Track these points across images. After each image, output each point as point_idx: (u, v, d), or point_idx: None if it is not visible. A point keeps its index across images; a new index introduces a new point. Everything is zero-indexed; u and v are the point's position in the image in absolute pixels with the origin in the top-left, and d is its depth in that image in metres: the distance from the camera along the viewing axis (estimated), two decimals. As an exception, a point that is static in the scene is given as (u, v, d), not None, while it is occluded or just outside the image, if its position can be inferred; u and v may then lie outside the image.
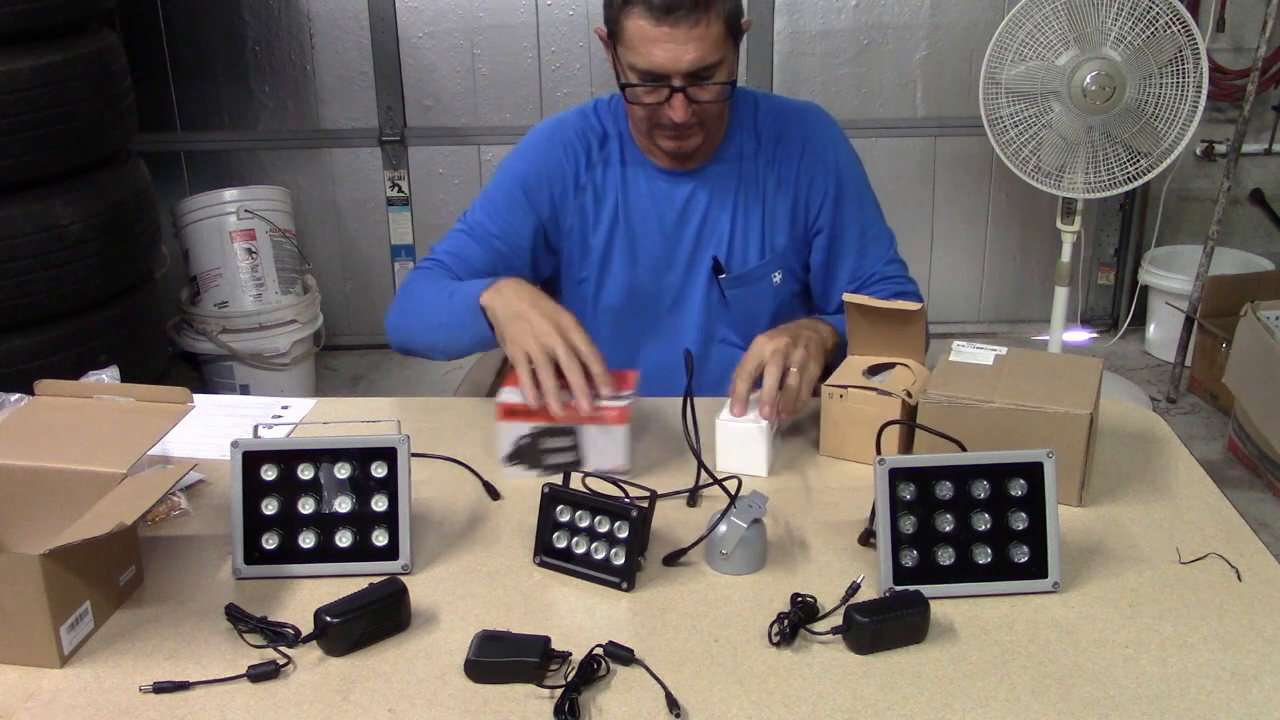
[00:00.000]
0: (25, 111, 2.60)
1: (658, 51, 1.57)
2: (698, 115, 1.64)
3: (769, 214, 1.79)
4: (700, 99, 1.62)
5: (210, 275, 3.47)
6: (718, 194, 1.78)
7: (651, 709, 1.06)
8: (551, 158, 1.79)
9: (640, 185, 1.79)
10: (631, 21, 1.57)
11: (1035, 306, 4.07)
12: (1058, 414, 1.35)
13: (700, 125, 1.67)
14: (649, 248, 1.80)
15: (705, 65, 1.59)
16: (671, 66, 1.58)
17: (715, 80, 1.61)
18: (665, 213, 1.79)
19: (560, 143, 1.79)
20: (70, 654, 1.14)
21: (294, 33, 3.77)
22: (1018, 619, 1.19)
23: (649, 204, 1.79)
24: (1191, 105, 2.98)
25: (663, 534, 1.33)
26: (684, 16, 1.54)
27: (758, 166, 1.78)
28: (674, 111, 1.61)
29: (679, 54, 1.56)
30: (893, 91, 3.84)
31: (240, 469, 1.27)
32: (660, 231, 1.79)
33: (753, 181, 1.79)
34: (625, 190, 1.79)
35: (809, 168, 1.79)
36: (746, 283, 1.81)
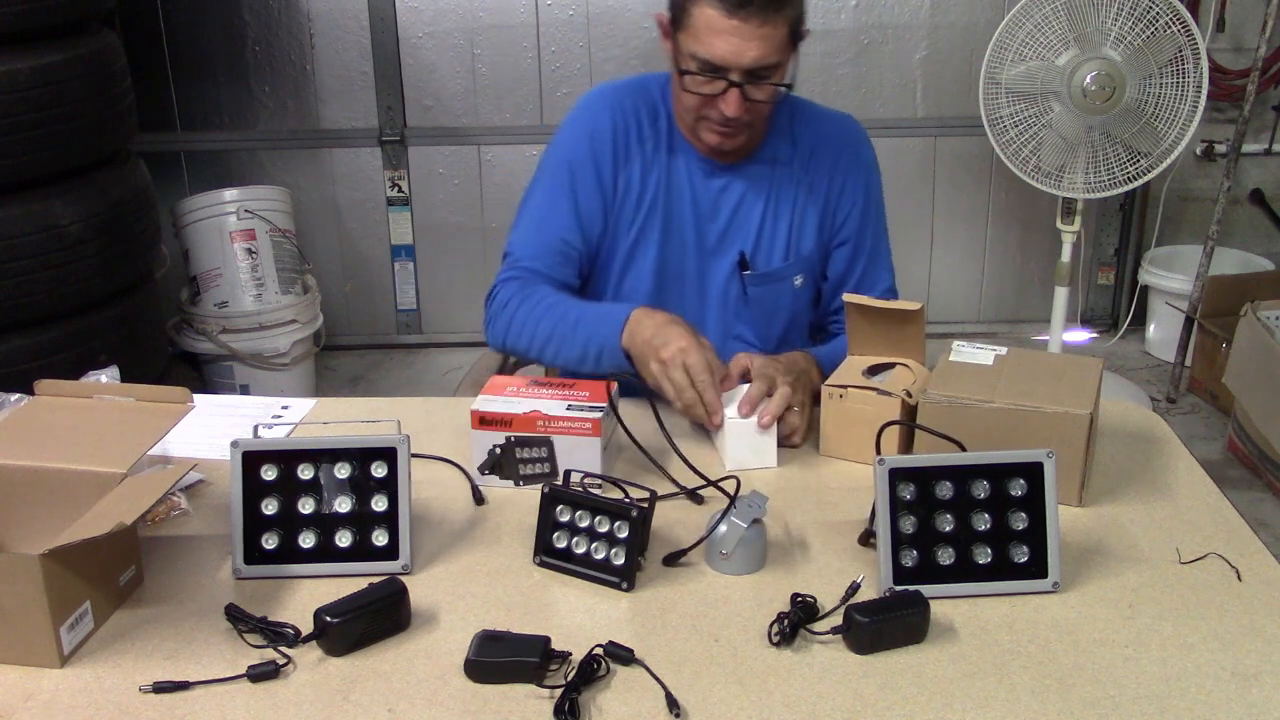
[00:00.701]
0: (25, 111, 2.60)
1: (722, 44, 1.57)
2: (749, 113, 1.64)
3: (798, 218, 1.80)
4: (754, 98, 1.63)
5: (210, 275, 3.46)
6: (750, 191, 1.79)
7: (651, 709, 1.06)
8: (600, 129, 1.76)
9: (680, 168, 1.79)
10: (701, 10, 1.57)
11: (1035, 306, 4.07)
12: (1058, 414, 1.35)
13: (749, 125, 1.68)
14: (680, 232, 1.80)
15: (765, 65, 1.59)
16: (733, 61, 1.58)
17: (771, 81, 1.62)
18: (700, 200, 1.79)
19: (610, 111, 1.77)
20: (70, 654, 1.14)
21: (294, 33, 3.77)
22: (1018, 619, 1.19)
23: (686, 188, 1.79)
24: (1191, 105, 2.98)
25: (663, 534, 1.33)
26: (755, 13, 1.55)
27: (792, 171, 1.79)
28: (727, 106, 1.62)
29: (743, 49, 1.57)
30: (893, 91, 3.84)
31: (240, 469, 1.27)
32: (694, 217, 1.80)
33: (785, 184, 1.79)
34: (668, 170, 1.78)
35: (841, 178, 1.80)
36: (769, 282, 1.82)
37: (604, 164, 1.77)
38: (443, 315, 4.10)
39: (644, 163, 1.78)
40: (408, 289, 4.06)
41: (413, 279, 4.04)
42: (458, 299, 4.06)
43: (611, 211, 1.79)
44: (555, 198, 1.78)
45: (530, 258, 1.76)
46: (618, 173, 1.77)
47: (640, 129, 1.78)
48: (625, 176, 1.78)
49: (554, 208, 1.78)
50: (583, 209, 1.77)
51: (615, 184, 1.78)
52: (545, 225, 1.78)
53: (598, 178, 1.77)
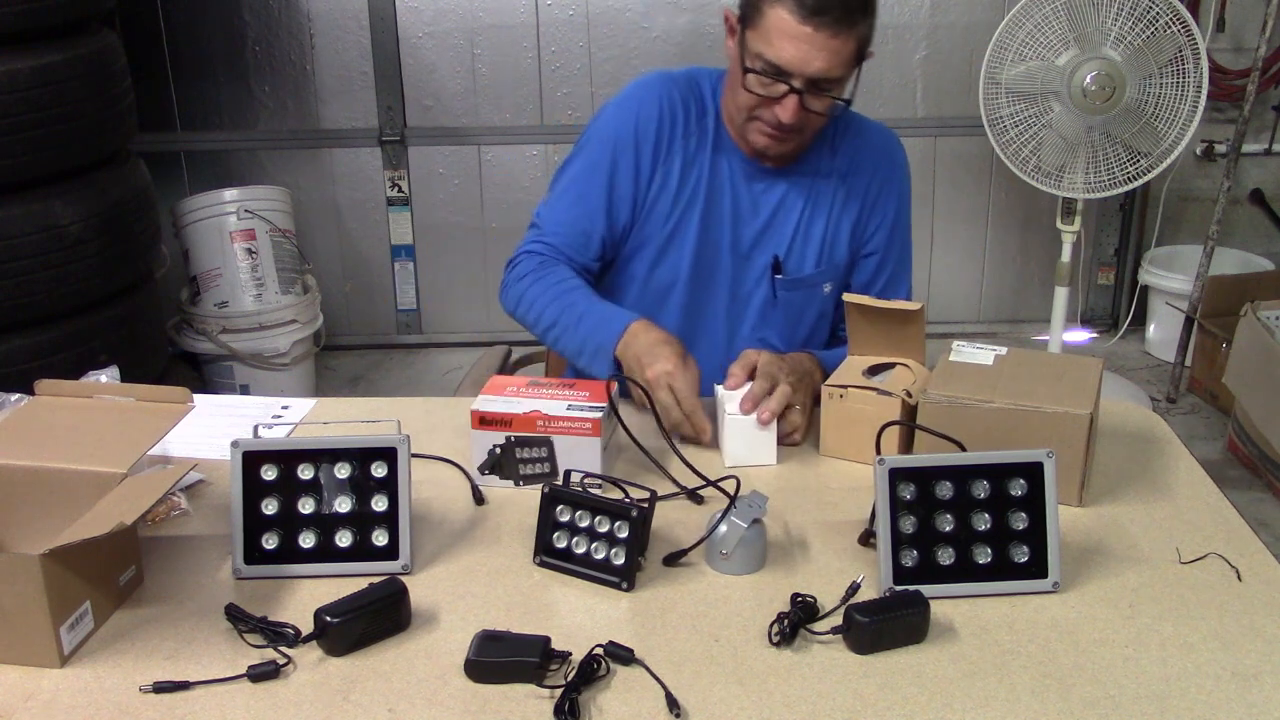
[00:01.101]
0: (25, 111, 2.60)
1: (791, 48, 1.56)
2: (803, 122, 1.64)
3: (833, 226, 1.80)
4: (811, 108, 1.62)
5: (210, 275, 3.46)
6: (789, 197, 1.79)
7: (651, 709, 1.06)
8: (646, 116, 1.76)
9: (724, 168, 1.78)
10: (775, 11, 1.56)
11: (1035, 306, 4.07)
12: (1058, 414, 1.35)
13: (800, 132, 1.67)
14: (718, 231, 1.80)
15: (829, 77, 1.59)
16: (799, 67, 1.58)
17: (831, 95, 1.62)
18: (740, 201, 1.79)
19: (659, 101, 1.76)
20: (70, 654, 1.14)
21: (294, 33, 3.77)
22: (1018, 619, 1.19)
23: (728, 188, 1.78)
24: (1191, 105, 2.98)
25: (663, 534, 1.33)
26: (828, 24, 1.54)
27: (830, 180, 1.79)
28: (784, 112, 1.61)
29: (810, 57, 1.56)
30: (893, 91, 3.84)
31: (240, 469, 1.27)
32: (732, 218, 1.79)
33: (824, 192, 1.80)
34: (711, 167, 1.78)
35: (876, 190, 1.81)
36: (800, 287, 1.82)
37: (644, 153, 1.76)
38: (443, 315, 4.10)
39: (685, 158, 1.77)
40: (408, 289, 4.06)
41: (413, 279, 4.04)
42: (458, 299, 4.06)
43: (644, 202, 1.78)
44: (590, 178, 1.77)
45: (555, 234, 1.77)
46: (656, 164, 1.77)
47: (687, 123, 1.77)
48: (664, 169, 1.77)
49: (587, 188, 1.77)
50: (616, 195, 1.77)
51: (653, 175, 1.77)
52: (576, 204, 1.78)
53: (635, 166, 1.76)
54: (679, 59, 3.75)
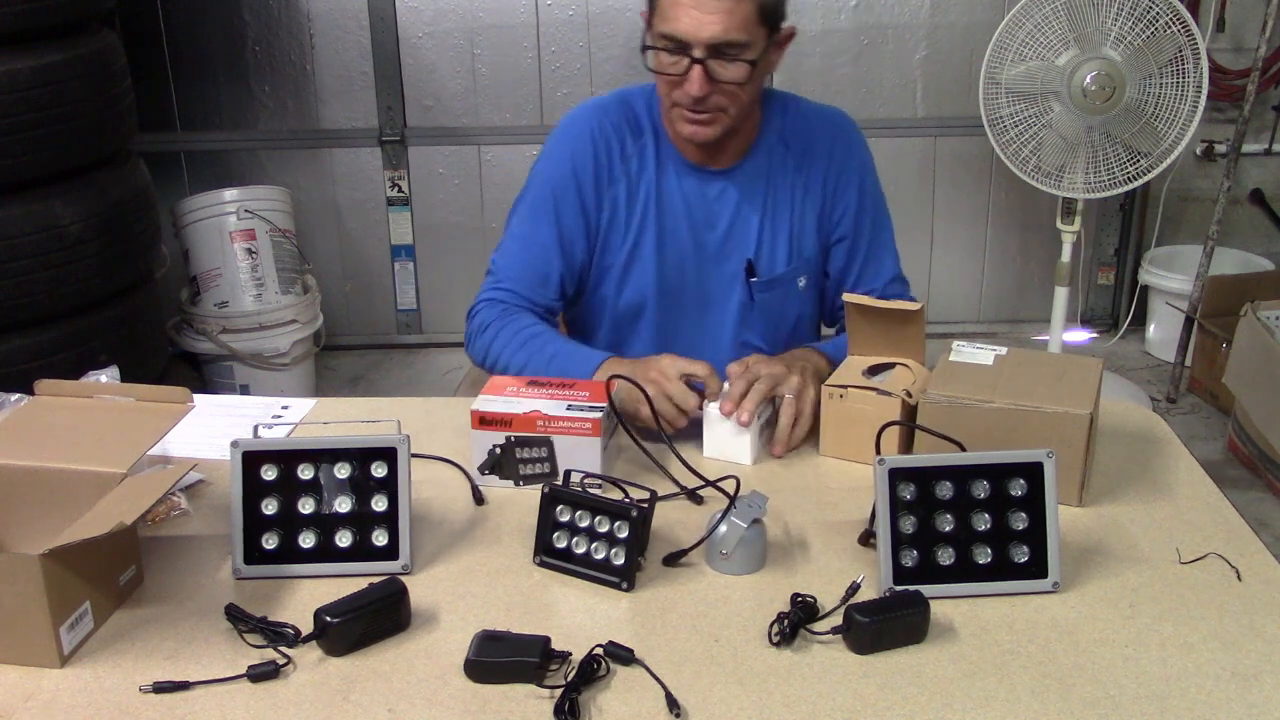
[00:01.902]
0: (25, 111, 2.60)
1: (684, 17, 1.57)
2: (717, 96, 1.62)
3: (798, 219, 1.80)
4: (720, 77, 1.61)
5: (210, 275, 3.46)
6: (747, 195, 1.78)
7: (651, 709, 1.06)
8: (580, 152, 1.76)
9: (672, 180, 1.78)
10: None
11: (1035, 306, 4.07)
12: (1058, 414, 1.35)
13: (721, 110, 1.65)
14: (677, 244, 1.80)
15: (729, 41, 1.58)
16: (693, 34, 1.57)
17: (739, 59, 1.60)
18: (695, 210, 1.78)
19: (590, 135, 1.76)
20: (70, 654, 1.14)
21: (294, 33, 3.77)
22: (1018, 619, 1.19)
23: (679, 200, 1.78)
24: (1191, 105, 2.98)
25: (663, 534, 1.33)
26: None
27: (786, 171, 1.79)
28: (691, 85, 1.60)
29: (703, 22, 1.56)
30: (893, 91, 3.84)
31: (240, 469, 1.27)
32: (690, 229, 1.79)
33: (781, 186, 1.79)
34: (658, 184, 1.77)
35: (835, 176, 1.79)
36: (775, 287, 1.81)
37: (586, 188, 1.76)
38: (443, 315, 4.10)
39: (629, 182, 1.77)
40: (408, 289, 4.06)
41: (413, 279, 4.04)
42: (458, 299, 4.05)
43: (597, 234, 1.79)
44: (538, 221, 1.78)
45: (512, 279, 1.78)
46: (601, 195, 1.77)
47: (623, 147, 1.77)
48: (610, 197, 1.78)
49: (536, 231, 1.78)
50: (565, 234, 1.78)
51: (599, 206, 1.77)
52: (527, 247, 1.79)
53: (580, 203, 1.77)
54: (679, 59, 3.75)
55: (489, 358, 1.75)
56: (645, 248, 1.79)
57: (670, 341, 1.83)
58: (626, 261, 1.80)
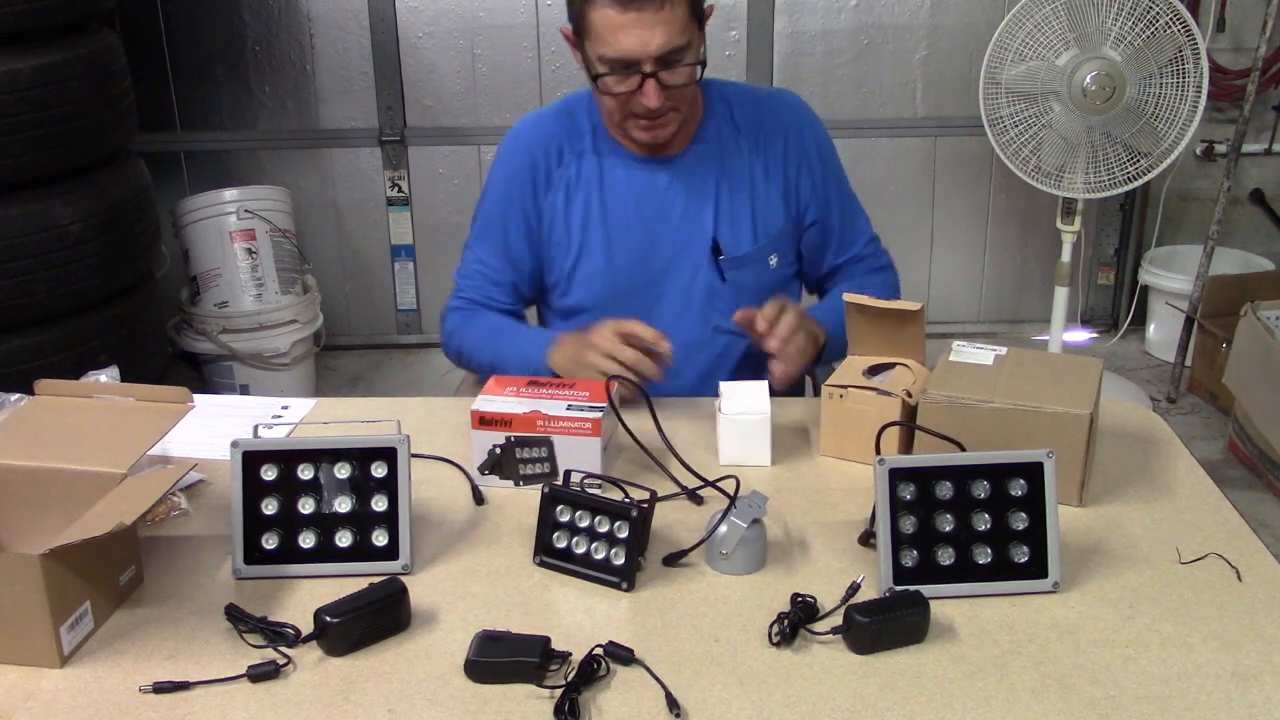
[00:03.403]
0: (25, 111, 2.60)
1: (626, 39, 1.58)
2: (671, 100, 1.65)
3: (760, 197, 1.81)
4: (671, 83, 1.63)
5: (210, 275, 3.46)
6: (696, 179, 1.79)
7: (651, 709, 1.06)
8: (516, 166, 1.83)
9: (617, 176, 1.80)
10: (597, 13, 1.59)
11: (1035, 306, 4.07)
12: (1058, 414, 1.35)
13: (675, 111, 1.68)
14: (628, 240, 1.81)
15: (674, 48, 1.60)
16: (641, 52, 1.59)
17: (684, 63, 1.63)
18: (645, 203, 1.80)
19: (526, 148, 1.83)
20: (70, 654, 1.14)
21: (294, 33, 3.77)
22: (1018, 619, 1.19)
23: (627, 195, 1.80)
24: (1191, 105, 2.98)
25: (663, 534, 1.33)
26: (648, 1, 1.56)
27: (741, 153, 1.80)
28: (647, 99, 1.62)
29: (647, 39, 1.58)
30: (893, 91, 3.84)
31: (240, 469, 1.27)
32: (640, 222, 1.80)
33: (738, 168, 1.80)
34: (601, 183, 1.80)
35: (795, 154, 1.81)
36: (745, 264, 1.82)
37: (526, 201, 1.82)
38: (443, 315, 4.09)
39: (569, 186, 1.80)
40: (408, 289, 4.06)
41: (413, 279, 4.04)
42: (458, 299, 4.05)
43: (543, 242, 1.84)
44: (486, 237, 1.87)
45: (470, 289, 1.88)
46: (541, 206, 1.82)
47: (561, 155, 1.81)
48: (550, 204, 1.81)
49: (485, 247, 1.87)
50: (512, 248, 1.85)
51: (540, 216, 1.82)
52: (480, 261, 1.88)
53: (523, 216, 1.83)
54: (679, 59, 3.75)
55: (461, 356, 1.87)
56: (594, 248, 1.81)
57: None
58: (575, 265, 1.83)
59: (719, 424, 1.50)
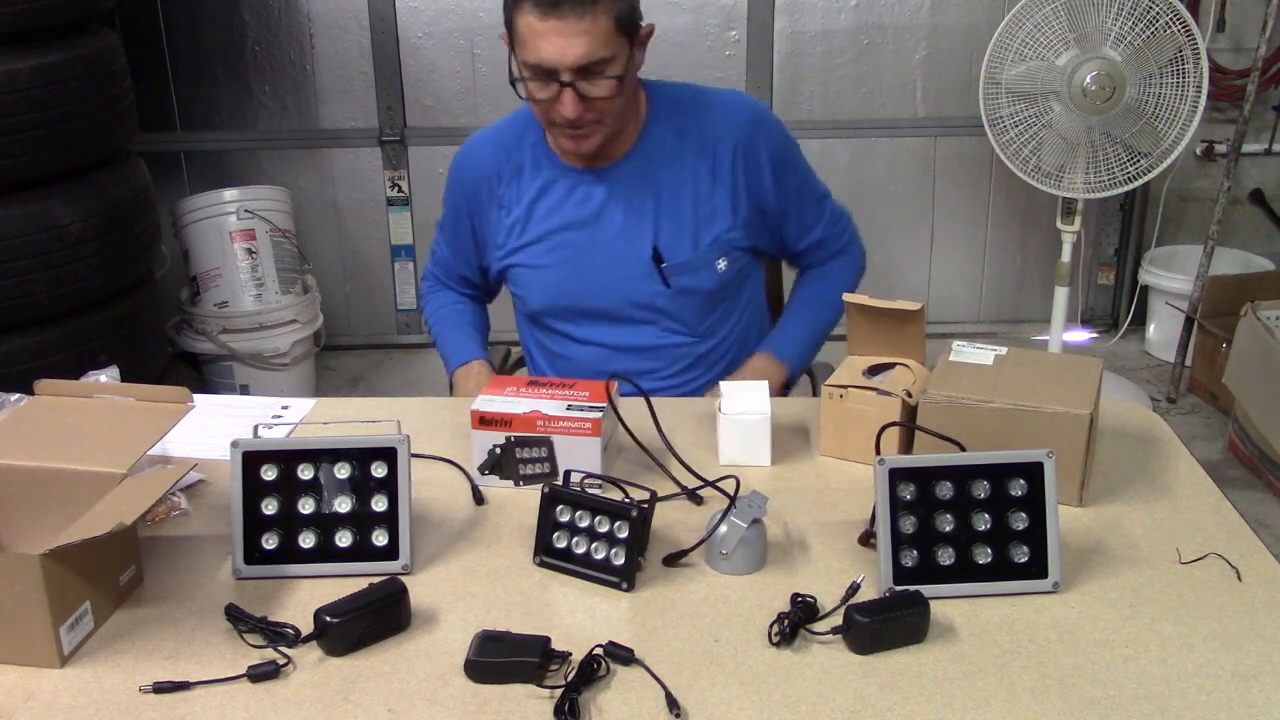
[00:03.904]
0: (25, 111, 2.60)
1: (545, 46, 1.59)
2: (592, 112, 1.65)
3: (703, 205, 1.80)
4: (590, 94, 1.63)
5: (210, 275, 3.46)
6: (635, 189, 1.79)
7: (651, 709, 1.06)
8: (460, 184, 1.91)
9: (556, 191, 1.82)
10: (521, 18, 1.59)
11: (1035, 306, 4.07)
12: (1058, 414, 1.35)
13: (598, 123, 1.68)
14: (571, 252, 1.82)
15: (593, 60, 1.60)
16: (558, 60, 1.59)
17: (606, 75, 1.62)
18: (584, 215, 1.81)
19: (471, 165, 1.89)
20: (70, 654, 1.14)
21: (294, 33, 3.77)
22: (1018, 619, 1.19)
23: (567, 209, 1.81)
24: (1191, 105, 2.98)
25: (663, 534, 1.33)
26: (569, 10, 1.56)
27: (684, 158, 1.79)
28: (564, 107, 1.63)
29: (565, 48, 1.58)
30: (893, 91, 3.84)
31: (240, 469, 1.27)
32: (587, 235, 1.81)
33: (680, 175, 1.79)
34: (539, 198, 1.83)
35: (743, 156, 1.80)
36: (690, 271, 1.82)
37: (474, 217, 1.90)
38: (443, 315, 4.09)
39: (509, 204, 1.85)
40: (408, 289, 4.06)
41: (412, 279, 4.04)
42: (458, 299, 4.05)
43: (489, 251, 1.92)
44: (443, 233, 2.01)
45: (437, 266, 2.05)
46: (486, 220, 1.88)
47: (500, 175, 1.85)
48: (493, 219, 1.87)
49: (442, 240, 2.01)
50: (461, 252, 1.97)
51: (486, 229, 1.89)
52: (436, 252, 2.04)
53: (470, 229, 1.92)
54: (679, 58, 3.75)
55: (426, 323, 2.06)
56: (539, 259, 1.84)
57: (590, 340, 1.88)
58: (527, 278, 1.87)
59: (719, 424, 1.50)
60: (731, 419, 1.49)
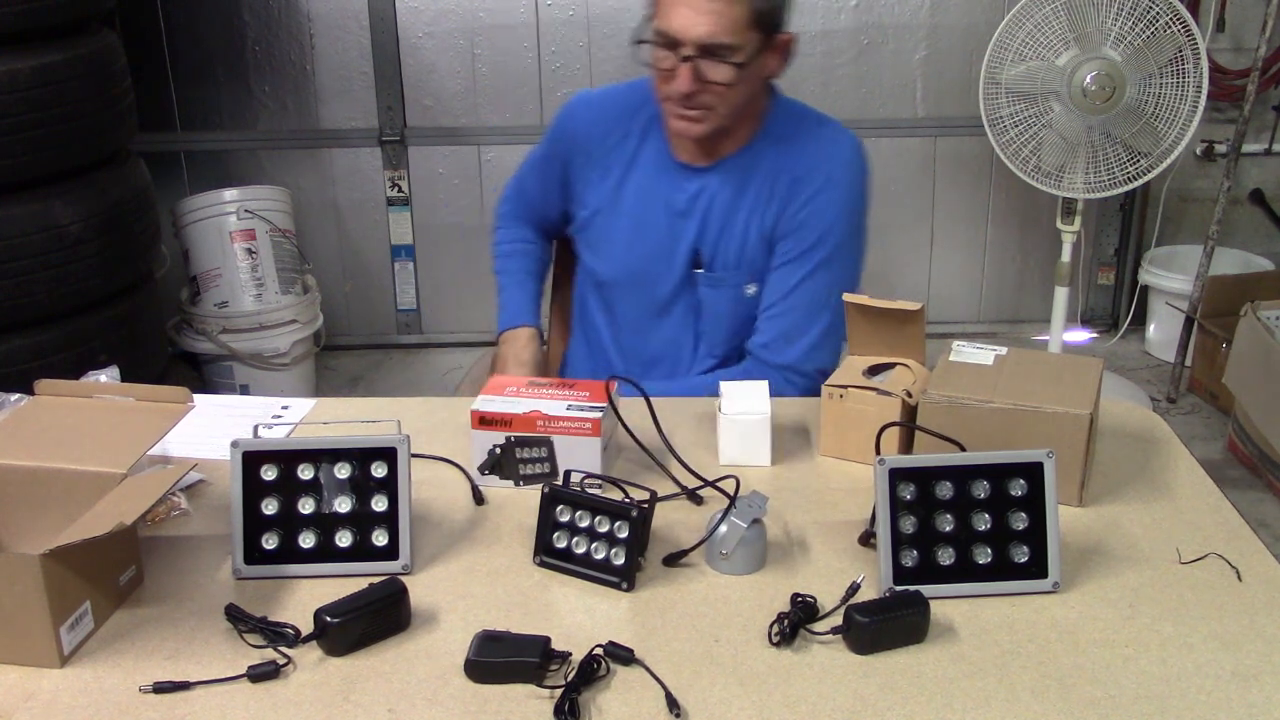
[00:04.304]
0: (25, 111, 2.60)
1: (676, 15, 1.60)
2: (706, 94, 1.65)
3: (755, 227, 1.78)
4: (708, 76, 1.63)
5: (210, 275, 3.46)
6: (723, 195, 1.79)
7: (651, 709, 1.06)
8: (573, 134, 1.87)
9: (650, 171, 1.81)
10: None
11: (1035, 306, 4.07)
12: (1058, 414, 1.35)
13: (709, 109, 1.67)
14: (647, 233, 1.82)
15: (717, 42, 1.60)
16: (683, 33, 1.60)
17: (727, 60, 1.62)
18: (671, 203, 1.81)
19: (586, 121, 1.87)
20: (70, 654, 1.14)
21: (294, 33, 3.77)
22: (1018, 619, 1.19)
23: (657, 191, 1.81)
24: (1191, 105, 2.98)
25: (663, 534, 1.33)
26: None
27: (760, 172, 1.78)
28: (679, 81, 1.63)
29: (694, 21, 1.59)
30: (893, 91, 3.84)
31: (240, 469, 1.27)
32: (665, 219, 1.81)
33: (753, 183, 1.78)
34: (637, 173, 1.82)
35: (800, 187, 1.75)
36: (721, 286, 1.82)
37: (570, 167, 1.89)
38: (443, 315, 4.10)
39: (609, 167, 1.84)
40: (408, 289, 4.06)
41: (413, 279, 4.04)
42: (458, 299, 4.06)
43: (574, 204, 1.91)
44: (532, 171, 1.99)
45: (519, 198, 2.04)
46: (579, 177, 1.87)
47: (607, 138, 1.84)
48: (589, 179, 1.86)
49: (530, 178, 2.00)
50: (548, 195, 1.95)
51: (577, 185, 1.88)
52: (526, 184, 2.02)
53: (563, 179, 1.91)
54: (679, 59, 3.75)
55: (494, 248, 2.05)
56: (617, 233, 1.84)
57: (628, 320, 1.90)
58: (602, 242, 1.87)
59: (719, 424, 1.50)
60: (731, 419, 1.49)
